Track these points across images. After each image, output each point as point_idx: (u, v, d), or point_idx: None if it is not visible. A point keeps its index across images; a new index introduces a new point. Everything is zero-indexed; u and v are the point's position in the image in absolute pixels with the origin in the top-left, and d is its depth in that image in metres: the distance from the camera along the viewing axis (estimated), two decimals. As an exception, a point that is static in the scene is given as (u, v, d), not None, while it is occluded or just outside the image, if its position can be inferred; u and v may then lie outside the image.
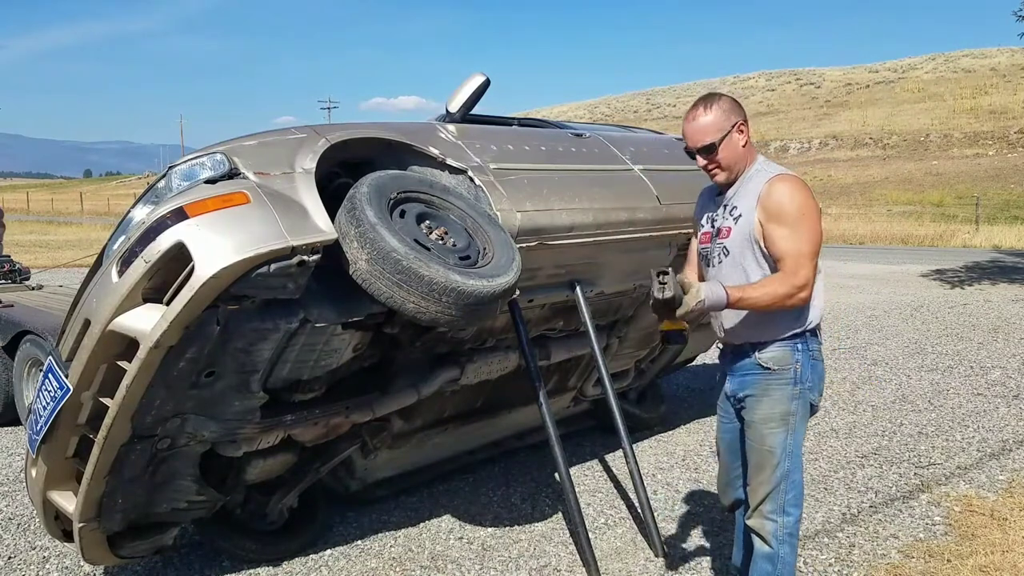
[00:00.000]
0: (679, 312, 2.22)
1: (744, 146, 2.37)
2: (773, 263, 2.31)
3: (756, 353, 2.38)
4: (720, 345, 2.59)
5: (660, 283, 2.19)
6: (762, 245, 2.32)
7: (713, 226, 2.48)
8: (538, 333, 3.72)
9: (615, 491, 4.03)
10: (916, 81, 49.50)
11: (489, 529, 3.58)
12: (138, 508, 2.81)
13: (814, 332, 2.39)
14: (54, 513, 2.88)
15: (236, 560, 3.24)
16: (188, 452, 2.76)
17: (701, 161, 2.42)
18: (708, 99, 2.41)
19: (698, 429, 5.03)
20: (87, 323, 2.41)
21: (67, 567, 3.23)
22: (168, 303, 2.26)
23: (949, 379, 6.20)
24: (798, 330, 2.35)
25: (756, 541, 2.44)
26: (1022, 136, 35.05)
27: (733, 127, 2.35)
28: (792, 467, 2.40)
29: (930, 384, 6.06)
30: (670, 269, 2.22)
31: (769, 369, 2.36)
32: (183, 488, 2.87)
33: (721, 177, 2.43)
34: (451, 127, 3.24)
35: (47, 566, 3.25)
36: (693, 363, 5.83)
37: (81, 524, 2.69)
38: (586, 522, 3.26)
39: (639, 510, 3.45)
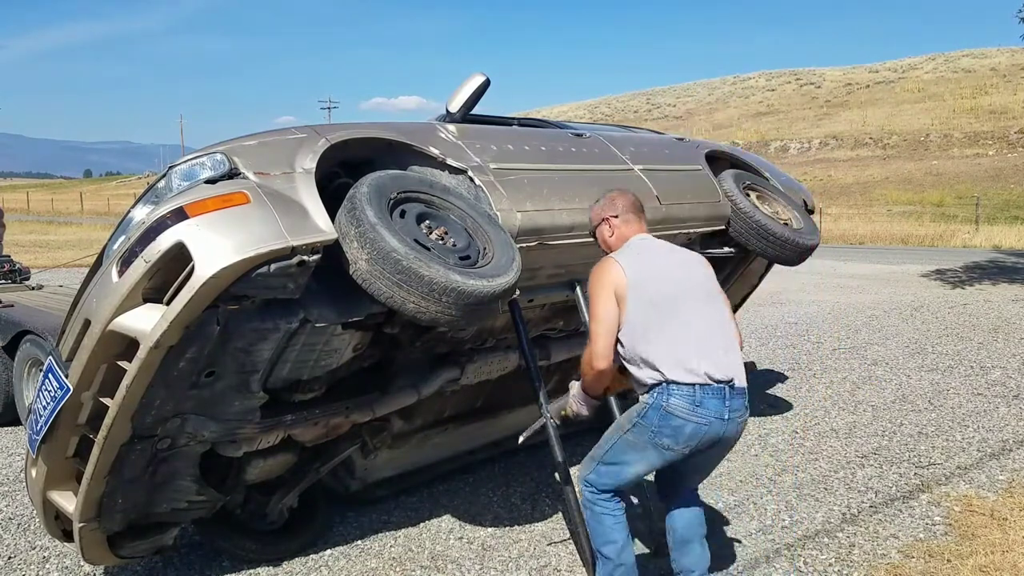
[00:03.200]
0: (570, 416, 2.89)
1: (610, 236, 2.80)
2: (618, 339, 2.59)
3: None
4: None
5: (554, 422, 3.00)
6: None
7: None
8: (538, 333, 3.72)
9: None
10: (916, 81, 49.47)
11: (489, 529, 3.59)
12: (138, 508, 2.81)
13: (672, 385, 2.49)
14: (54, 513, 2.88)
15: (236, 560, 3.23)
16: (188, 452, 2.76)
17: None
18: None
19: (698, 429, 5.03)
20: (87, 323, 2.41)
21: (67, 567, 3.23)
22: (168, 303, 2.26)
23: (949, 379, 6.20)
24: (649, 383, 2.52)
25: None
26: (1022, 136, 35.05)
27: (602, 221, 2.83)
28: (608, 459, 2.64)
29: (930, 384, 6.06)
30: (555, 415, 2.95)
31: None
32: (183, 488, 2.87)
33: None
34: (451, 127, 3.24)
35: (47, 566, 3.25)
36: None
37: (81, 524, 2.69)
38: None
39: (639, 510, 3.45)
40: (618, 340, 2.57)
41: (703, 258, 2.78)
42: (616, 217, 2.78)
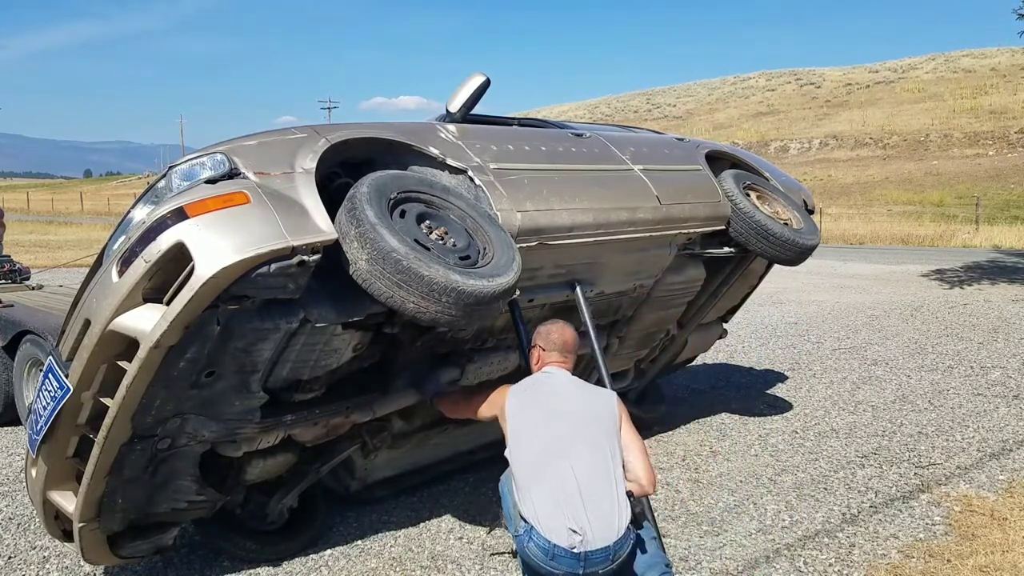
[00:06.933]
0: None
1: (535, 363, 2.95)
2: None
3: None
4: None
5: None
6: None
7: None
8: (538, 333, 3.72)
9: (615, 491, 4.02)
10: (916, 81, 49.43)
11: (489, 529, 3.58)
12: (138, 508, 2.81)
13: (534, 531, 2.47)
14: (54, 513, 2.88)
15: (236, 560, 3.23)
16: (188, 452, 2.76)
17: None
18: None
19: (698, 429, 5.03)
20: (87, 323, 2.42)
21: (67, 567, 3.23)
22: (168, 303, 2.26)
23: (949, 379, 6.21)
24: (522, 514, 2.52)
25: None
26: (1022, 136, 35.04)
27: (535, 346, 2.97)
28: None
29: (930, 384, 6.06)
30: None
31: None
32: (183, 488, 2.87)
33: None
34: (451, 127, 3.24)
35: (47, 566, 3.25)
36: (693, 363, 5.84)
37: (81, 524, 2.69)
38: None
39: (639, 510, 3.45)
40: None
41: (612, 395, 2.82)
42: (544, 350, 2.94)
